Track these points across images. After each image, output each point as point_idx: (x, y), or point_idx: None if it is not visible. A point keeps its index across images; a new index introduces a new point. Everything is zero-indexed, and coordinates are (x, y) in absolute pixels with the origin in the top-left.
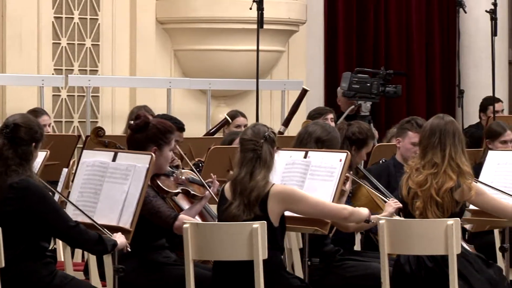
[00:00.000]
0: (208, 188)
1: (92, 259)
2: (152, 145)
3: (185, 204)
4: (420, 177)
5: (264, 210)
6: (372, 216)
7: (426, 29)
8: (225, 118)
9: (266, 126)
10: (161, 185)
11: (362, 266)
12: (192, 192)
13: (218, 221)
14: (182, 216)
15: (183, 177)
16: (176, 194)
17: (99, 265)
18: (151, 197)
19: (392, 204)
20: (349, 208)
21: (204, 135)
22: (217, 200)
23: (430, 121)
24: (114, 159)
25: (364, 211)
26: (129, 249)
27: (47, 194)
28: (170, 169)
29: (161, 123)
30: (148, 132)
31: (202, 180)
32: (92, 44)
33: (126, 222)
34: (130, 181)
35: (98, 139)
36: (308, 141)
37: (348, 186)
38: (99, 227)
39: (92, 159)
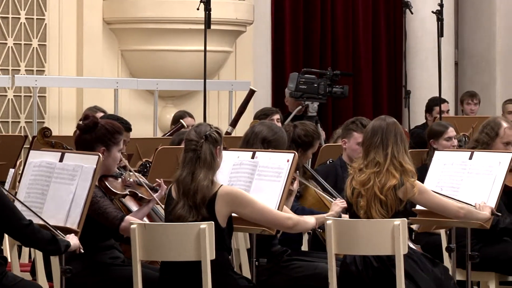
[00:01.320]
0: (156, 191)
1: (39, 260)
2: (100, 145)
3: (133, 206)
4: (363, 176)
5: (211, 212)
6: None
7: (372, 30)
8: (180, 122)
9: (210, 125)
10: (109, 186)
11: (310, 266)
12: (139, 194)
13: (165, 222)
14: (128, 217)
15: (131, 179)
16: (124, 196)
17: (46, 266)
18: (99, 197)
19: (339, 203)
20: (294, 218)
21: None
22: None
23: (372, 122)
24: (61, 160)
25: (310, 220)
26: (82, 251)
27: (1, 193)
28: (119, 170)
29: (110, 123)
30: (96, 132)
31: (149, 183)
32: (38, 44)
33: (74, 222)
34: (77, 182)
35: (45, 139)
36: (254, 141)
37: (295, 185)
38: (51, 228)
39: (39, 159)
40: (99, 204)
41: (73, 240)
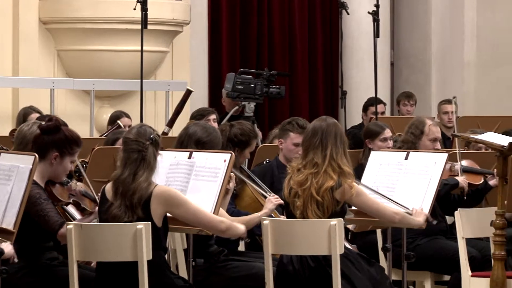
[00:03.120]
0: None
1: None
2: (55, 150)
3: (75, 214)
4: (300, 176)
5: (147, 212)
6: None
7: (308, 30)
8: (117, 123)
9: (152, 128)
10: (54, 192)
11: (246, 266)
12: (82, 205)
13: (99, 222)
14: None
15: (77, 189)
16: (67, 204)
17: None
18: (43, 200)
19: (273, 200)
20: (226, 222)
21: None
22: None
23: (312, 122)
24: None
25: (241, 227)
26: (16, 260)
27: None
28: (66, 178)
29: (71, 132)
30: (55, 136)
31: (95, 196)
32: None
33: (9, 223)
34: (13, 182)
35: None
36: (188, 143)
37: (231, 185)
38: None
39: None
40: (43, 206)
41: (7, 248)
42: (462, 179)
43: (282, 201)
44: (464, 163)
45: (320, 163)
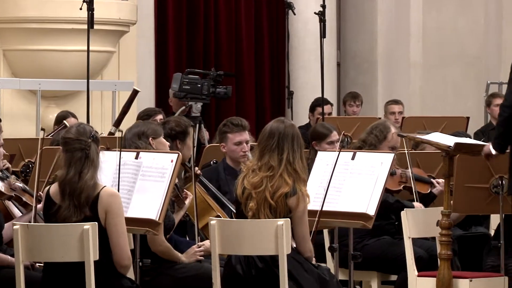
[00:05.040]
0: (40, 202)
1: None
2: None
3: (14, 210)
4: (255, 178)
5: (94, 211)
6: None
7: (255, 31)
8: (64, 123)
9: (90, 126)
10: None
11: (194, 267)
12: (24, 200)
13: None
14: (9, 224)
15: (17, 184)
16: (9, 198)
17: None
18: None
19: (197, 252)
20: (129, 262)
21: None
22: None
23: (270, 123)
24: None
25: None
26: None
27: None
28: (6, 173)
29: None
30: None
31: (31, 191)
32: None
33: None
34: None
35: None
36: (131, 141)
37: (188, 202)
38: None
39: None
40: None
41: None
42: (418, 205)
43: (202, 258)
44: (413, 170)
45: (276, 166)
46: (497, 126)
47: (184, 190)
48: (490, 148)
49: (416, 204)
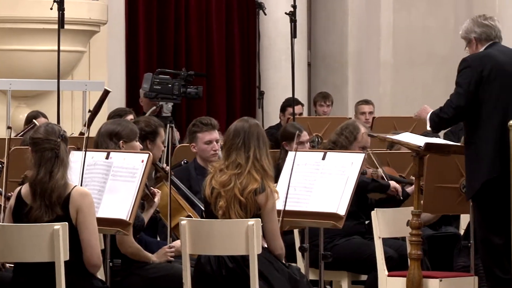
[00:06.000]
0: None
1: None
2: None
3: None
4: (223, 177)
5: (65, 211)
6: None
7: (226, 31)
8: (33, 122)
9: (58, 125)
10: None
11: (165, 267)
12: None
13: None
14: None
15: None
16: None
17: None
18: None
19: (168, 252)
20: (99, 262)
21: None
22: None
23: (234, 123)
24: None
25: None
26: None
27: None
28: None
29: None
30: None
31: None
32: None
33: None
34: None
35: None
36: (103, 140)
37: (157, 199)
38: None
39: None
40: None
41: None
42: (393, 182)
43: (172, 259)
44: (385, 170)
45: (244, 164)
46: (439, 122)
47: (151, 188)
48: (427, 115)
49: (391, 182)
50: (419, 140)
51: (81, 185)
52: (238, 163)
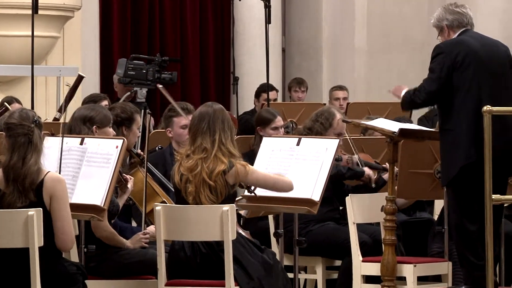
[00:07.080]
0: None
1: None
2: None
3: None
4: (190, 162)
5: (39, 197)
6: None
7: (200, 16)
8: (5, 105)
9: (33, 111)
10: None
11: (139, 253)
12: None
13: None
14: None
15: None
16: None
17: None
18: None
19: (142, 238)
20: (72, 244)
21: None
22: None
23: (199, 108)
24: None
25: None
26: None
27: None
28: None
29: None
30: None
31: None
32: None
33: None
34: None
35: None
36: (76, 125)
37: (130, 185)
38: None
39: None
40: None
41: None
42: (367, 169)
43: (147, 245)
44: (360, 156)
45: (209, 148)
46: (410, 102)
47: (124, 175)
48: (402, 93)
49: (366, 169)
50: (393, 126)
51: (59, 172)
52: (204, 147)
